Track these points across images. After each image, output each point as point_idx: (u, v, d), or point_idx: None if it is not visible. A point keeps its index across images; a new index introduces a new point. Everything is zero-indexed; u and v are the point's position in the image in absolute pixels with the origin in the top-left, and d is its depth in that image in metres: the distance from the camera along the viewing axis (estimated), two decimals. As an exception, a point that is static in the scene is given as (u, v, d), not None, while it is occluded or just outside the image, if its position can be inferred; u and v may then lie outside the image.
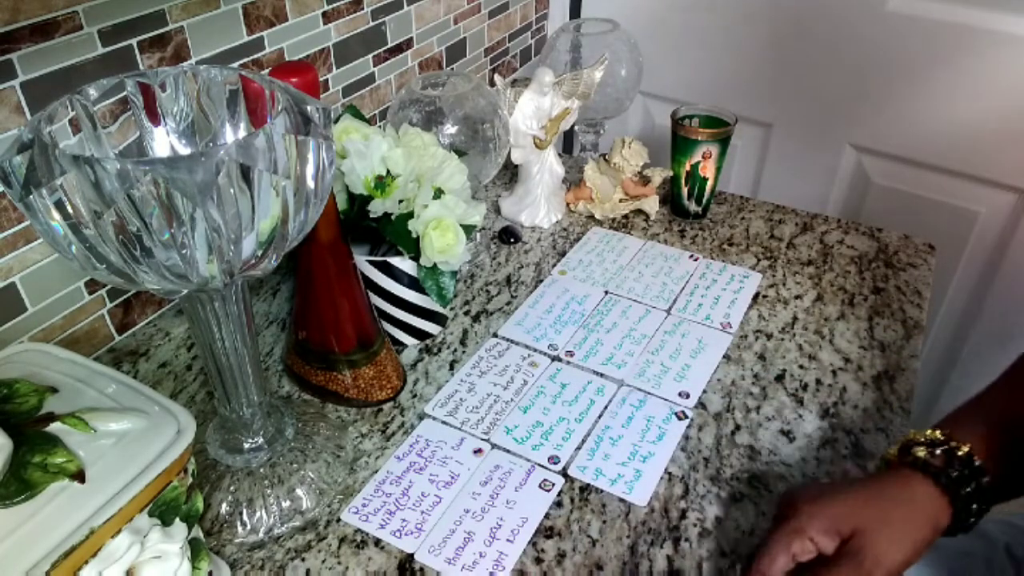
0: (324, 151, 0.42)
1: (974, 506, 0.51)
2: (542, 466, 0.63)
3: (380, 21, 0.93)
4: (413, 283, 0.70)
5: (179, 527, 0.45)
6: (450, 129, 0.78)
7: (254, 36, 0.77)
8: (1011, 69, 1.01)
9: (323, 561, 0.56)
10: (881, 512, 0.50)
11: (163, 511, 0.44)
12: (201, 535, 0.50)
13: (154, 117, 0.47)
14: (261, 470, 0.58)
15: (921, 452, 0.52)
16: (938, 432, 0.54)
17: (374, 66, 0.95)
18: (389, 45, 0.96)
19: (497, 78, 0.86)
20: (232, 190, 0.38)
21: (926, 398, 1.32)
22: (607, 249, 0.89)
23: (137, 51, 0.67)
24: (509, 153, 0.86)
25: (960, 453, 0.52)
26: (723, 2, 1.18)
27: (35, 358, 0.48)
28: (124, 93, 0.46)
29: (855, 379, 0.71)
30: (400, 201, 0.69)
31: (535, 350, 0.74)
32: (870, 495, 0.52)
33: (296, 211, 0.42)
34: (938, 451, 0.52)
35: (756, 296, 0.82)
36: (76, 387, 0.46)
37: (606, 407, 0.68)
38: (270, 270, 0.45)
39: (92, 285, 0.71)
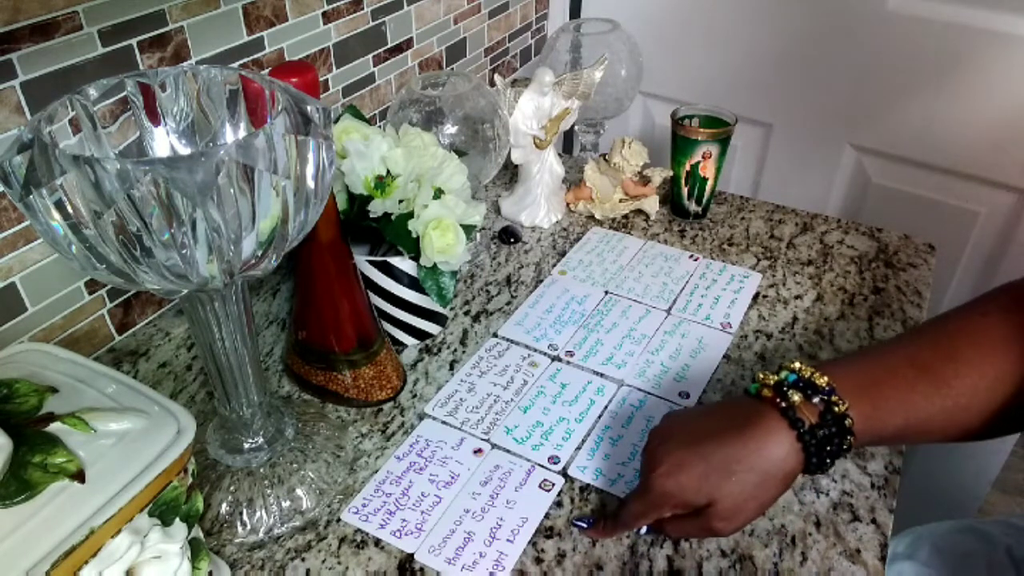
0: (324, 151, 0.42)
1: (825, 460, 0.50)
2: (542, 466, 0.63)
3: (380, 21, 0.93)
4: (413, 283, 0.70)
5: (179, 527, 0.45)
6: (450, 129, 0.78)
7: (254, 36, 0.77)
8: (1011, 69, 1.01)
9: (323, 561, 0.56)
10: (738, 484, 0.49)
11: (163, 511, 0.44)
12: (201, 535, 0.50)
13: (154, 117, 0.47)
14: (261, 470, 0.58)
15: (797, 397, 0.50)
16: (824, 378, 0.51)
17: (374, 66, 0.95)
18: (389, 45, 0.96)
19: (497, 78, 0.86)
20: (232, 190, 0.38)
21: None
22: (607, 249, 0.89)
23: (137, 51, 0.67)
24: (509, 153, 0.86)
25: (836, 411, 0.49)
26: (723, 2, 1.18)
27: (35, 358, 0.48)
28: (124, 93, 0.46)
29: (855, 379, 0.71)
30: (400, 201, 0.69)
31: (535, 350, 0.74)
32: (726, 458, 0.50)
33: (296, 211, 0.42)
34: (816, 399, 0.50)
35: (756, 296, 0.82)
36: (76, 387, 0.46)
37: (606, 407, 0.68)
38: (270, 270, 0.45)
39: (92, 285, 0.71)
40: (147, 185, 0.36)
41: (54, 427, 0.42)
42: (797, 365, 0.52)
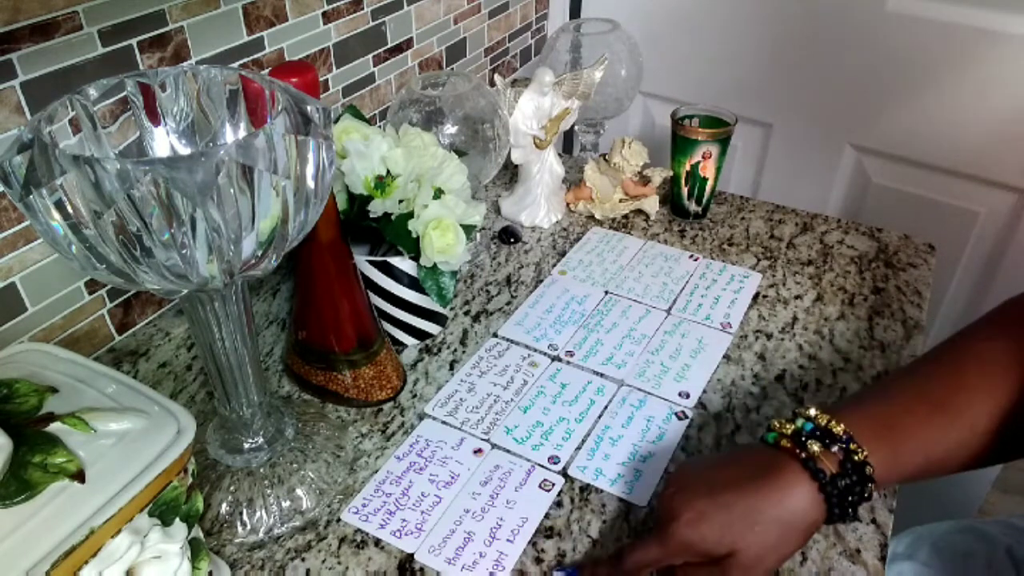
0: (324, 151, 0.42)
1: (847, 510, 0.49)
2: (542, 466, 0.63)
3: (380, 21, 0.93)
4: (413, 283, 0.70)
5: (179, 527, 0.45)
6: (450, 129, 0.78)
7: (254, 36, 0.77)
8: (1011, 69, 1.01)
9: (323, 561, 0.56)
10: (760, 535, 0.48)
11: (163, 511, 0.44)
12: (201, 535, 0.50)
13: (154, 117, 0.47)
14: (261, 470, 0.58)
15: (816, 447, 0.49)
16: (840, 426, 0.50)
17: (374, 66, 0.95)
18: (389, 45, 0.96)
19: (497, 78, 0.86)
20: (232, 190, 0.38)
21: (926, 398, 1.32)
22: (607, 249, 0.89)
23: (137, 51, 0.67)
24: (509, 153, 0.86)
25: (856, 459, 0.49)
26: (723, 2, 1.18)
27: (35, 358, 0.48)
28: (124, 93, 0.46)
29: (855, 379, 0.71)
30: (400, 201, 0.69)
31: (535, 350, 0.74)
32: (749, 509, 0.49)
33: (296, 211, 0.42)
34: (835, 448, 0.49)
35: (756, 296, 0.82)
36: (76, 387, 0.46)
37: (606, 407, 0.68)
38: (270, 270, 0.45)
39: (92, 285, 0.71)
40: (147, 185, 0.36)
41: (54, 427, 0.42)
42: (812, 412, 0.51)
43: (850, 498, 0.49)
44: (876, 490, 0.50)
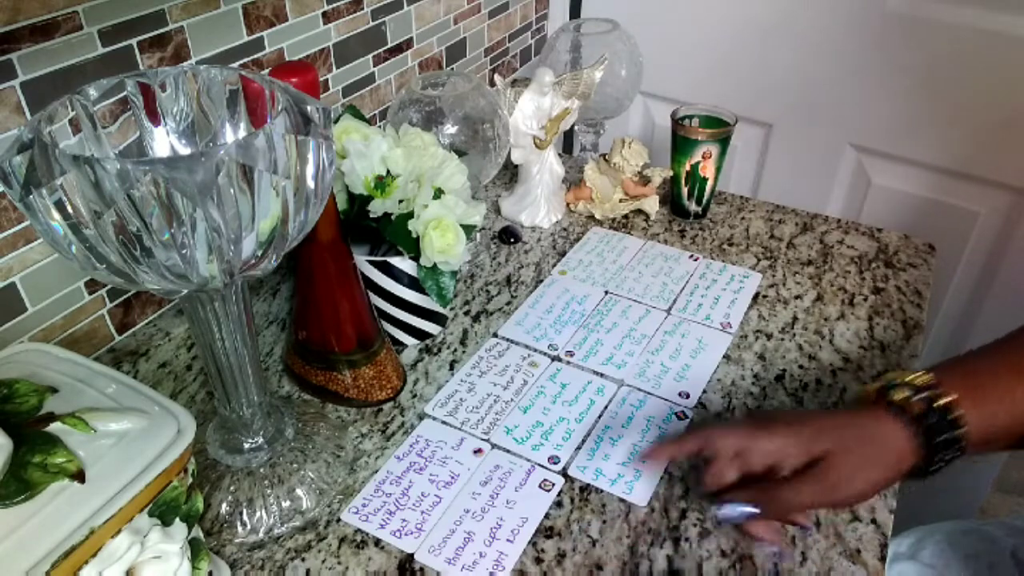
0: (324, 151, 0.42)
1: (943, 456, 0.50)
2: (542, 466, 0.63)
3: (380, 21, 0.93)
4: (413, 283, 0.70)
5: (179, 527, 0.45)
6: (450, 129, 0.78)
7: (254, 36, 0.77)
8: (1011, 69, 1.01)
9: (323, 561, 0.56)
10: (853, 441, 0.50)
11: (163, 511, 0.44)
12: (201, 535, 0.50)
13: (154, 117, 0.47)
14: (261, 470, 0.58)
15: (899, 396, 0.51)
16: (925, 376, 0.52)
17: (374, 66, 0.95)
18: (389, 45, 0.96)
19: (497, 78, 0.86)
20: (232, 190, 0.38)
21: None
22: (607, 249, 0.89)
23: (137, 51, 0.67)
24: (509, 153, 0.86)
25: (940, 403, 0.50)
26: (723, 3, 1.18)
27: (35, 358, 0.48)
28: (124, 93, 0.46)
29: (855, 379, 0.71)
30: (400, 201, 0.69)
31: (535, 350, 0.74)
32: (845, 424, 0.51)
33: (296, 211, 0.42)
34: (918, 397, 0.51)
35: (756, 296, 0.82)
36: (76, 387, 0.46)
37: (606, 407, 0.68)
38: (270, 270, 0.45)
39: (92, 285, 0.71)
40: (147, 185, 0.36)
41: (54, 427, 0.42)
42: (892, 374, 0.54)
43: (939, 440, 0.50)
44: (967, 444, 0.50)
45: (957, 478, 1.28)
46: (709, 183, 0.91)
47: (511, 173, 1.01)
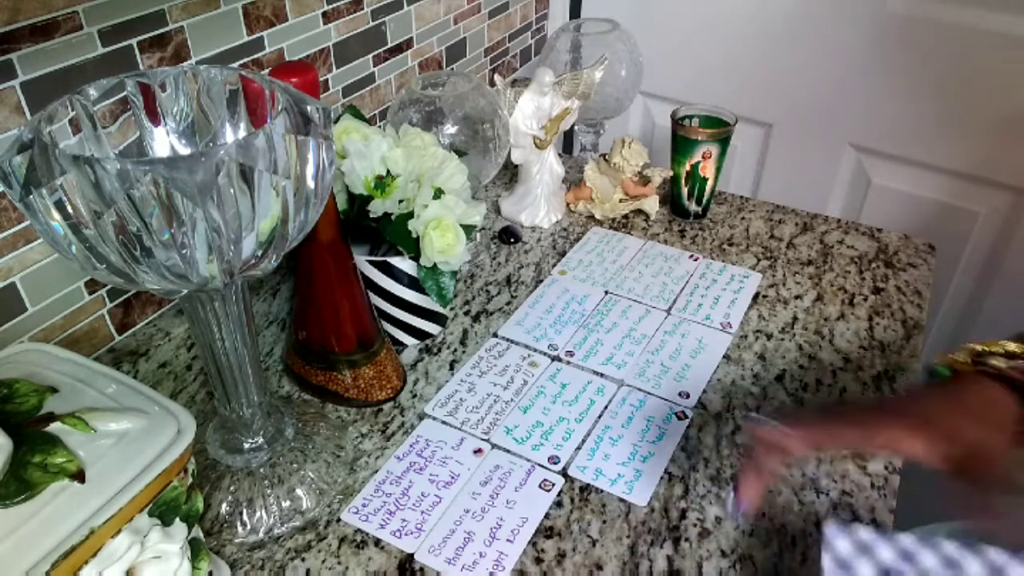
0: (324, 151, 0.42)
1: None
2: (542, 466, 0.63)
3: (380, 21, 0.93)
4: (413, 283, 0.70)
5: (179, 527, 0.45)
6: (450, 129, 0.78)
7: (254, 36, 0.77)
8: (1011, 69, 1.01)
9: (323, 561, 0.56)
10: (953, 405, 0.47)
11: (163, 511, 0.44)
12: (201, 535, 0.50)
13: (154, 117, 0.47)
14: (261, 470, 0.58)
15: (998, 362, 0.49)
16: (1014, 344, 0.50)
17: (374, 66, 0.95)
18: (389, 45, 0.96)
19: (497, 78, 0.86)
20: (232, 190, 0.38)
21: (926, 398, 1.32)
22: (607, 249, 0.89)
23: (137, 51, 0.67)
24: (509, 153, 0.86)
25: None
26: (723, 3, 1.18)
27: (35, 358, 0.48)
28: (124, 93, 0.46)
29: (855, 379, 0.71)
30: (400, 201, 0.69)
31: (535, 350, 0.74)
32: (940, 393, 0.48)
33: (296, 211, 0.42)
34: (1018, 362, 0.48)
35: (756, 296, 0.82)
36: (76, 387, 0.46)
37: (606, 407, 0.68)
38: (270, 270, 0.45)
39: (92, 285, 0.71)
40: (147, 185, 0.36)
41: (54, 427, 0.42)
42: (979, 347, 0.51)
43: None
44: None
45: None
46: (709, 183, 0.91)
47: (511, 173, 1.01)
